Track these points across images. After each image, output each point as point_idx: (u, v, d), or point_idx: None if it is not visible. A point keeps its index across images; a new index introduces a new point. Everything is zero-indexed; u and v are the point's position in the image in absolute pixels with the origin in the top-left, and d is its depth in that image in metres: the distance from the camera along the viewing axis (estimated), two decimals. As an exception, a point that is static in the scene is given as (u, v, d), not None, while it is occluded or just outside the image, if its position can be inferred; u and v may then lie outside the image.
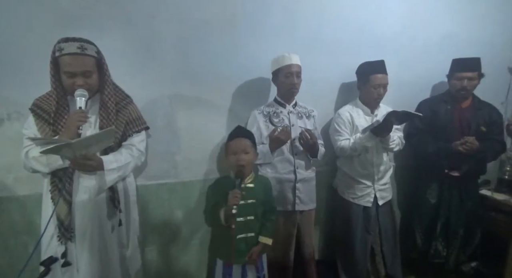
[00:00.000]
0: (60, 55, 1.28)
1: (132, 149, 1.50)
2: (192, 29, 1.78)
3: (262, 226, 1.65)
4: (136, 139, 1.52)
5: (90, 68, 1.32)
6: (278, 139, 1.74)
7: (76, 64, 1.29)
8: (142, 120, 1.56)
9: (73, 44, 1.28)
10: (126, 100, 1.52)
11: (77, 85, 1.30)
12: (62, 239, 1.36)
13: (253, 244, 1.61)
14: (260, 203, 1.63)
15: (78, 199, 1.37)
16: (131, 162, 1.48)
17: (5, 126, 1.58)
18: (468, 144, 1.96)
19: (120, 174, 1.42)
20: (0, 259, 1.67)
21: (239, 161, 1.53)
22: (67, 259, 1.38)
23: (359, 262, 2.06)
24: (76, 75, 1.30)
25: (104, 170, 1.34)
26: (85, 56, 1.30)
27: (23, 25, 1.51)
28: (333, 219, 2.26)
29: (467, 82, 2.03)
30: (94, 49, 1.34)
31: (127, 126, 1.48)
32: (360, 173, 2.01)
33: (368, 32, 2.13)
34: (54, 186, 1.35)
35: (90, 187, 1.39)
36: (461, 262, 2.19)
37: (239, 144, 1.56)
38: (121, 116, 1.46)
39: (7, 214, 1.64)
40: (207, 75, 1.86)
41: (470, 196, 2.14)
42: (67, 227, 1.35)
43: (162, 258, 1.95)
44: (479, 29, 2.39)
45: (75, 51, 1.27)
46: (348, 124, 1.99)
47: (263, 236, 1.64)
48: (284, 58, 1.78)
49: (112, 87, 1.44)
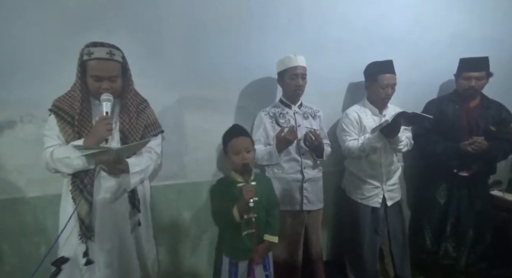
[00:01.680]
0: (88, 59, 1.31)
1: (151, 152, 1.54)
2: (199, 30, 1.79)
3: (267, 223, 1.64)
4: (154, 143, 1.57)
5: (116, 73, 1.36)
6: (285, 139, 1.74)
7: (103, 69, 1.32)
8: (158, 124, 1.60)
9: (102, 49, 1.31)
10: (143, 104, 1.55)
11: (103, 89, 1.33)
12: (83, 238, 1.38)
13: (258, 241, 1.60)
14: (264, 201, 1.62)
15: (98, 199, 1.40)
16: (151, 164, 1.53)
17: (18, 129, 1.61)
18: (476, 144, 1.94)
19: (142, 176, 1.47)
20: (12, 260, 1.70)
21: (244, 160, 1.53)
22: (89, 258, 1.40)
23: (367, 263, 2.05)
24: (103, 80, 1.33)
25: (128, 173, 1.38)
26: (112, 62, 1.34)
27: (34, 28, 1.54)
28: (341, 219, 2.25)
29: (474, 82, 2.01)
30: (120, 54, 1.38)
31: (145, 130, 1.51)
32: (368, 173, 2.00)
33: (376, 31, 2.12)
34: (75, 186, 1.37)
35: (110, 188, 1.42)
36: (472, 263, 2.16)
37: (241, 143, 1.55)
38: (141, 120, 1.50)
39: (19, 215, 1.67)
40: (214, 76, 1.87)
41: (480, 196, 2.12)
42: (88, 226, 1.37)
43: (171, 258, 1.97)
44: (489, 27, 2.36)
45: (104, 56, 1.31)
46: (356, 124, 1.98)
47: (268, 234, 1.63)
48: (290, 59, 1.78)
49: (133, 92, 1.49)
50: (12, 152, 1.61)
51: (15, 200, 1.66)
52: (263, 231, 1.63)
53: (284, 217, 1.88)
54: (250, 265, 1.61)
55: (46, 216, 1.69)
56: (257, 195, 1.56)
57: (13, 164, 1.63)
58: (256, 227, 1.56)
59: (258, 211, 1.58)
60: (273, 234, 1.64)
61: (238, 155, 1.55)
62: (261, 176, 1.74)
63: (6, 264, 1.69)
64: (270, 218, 1.65)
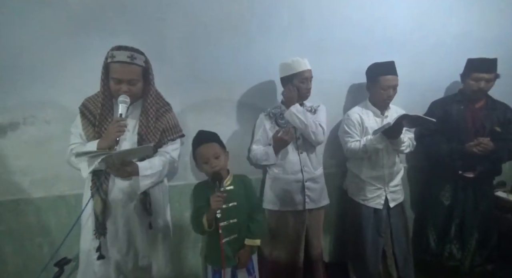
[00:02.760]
0: (111, 61, 1.36)
1: (166, 156, 1.54)
2: (200, 31, 1.80)
3: (247, 228, 1.61)
4: (171, 147, 1.58)
5: (136, 76, 1.39)
6: (281, 139, 1.76)
7: (123, 72, 1.36)
8: (178, 128, 1.62)
9: (124, 53, 1.35)
10: (165, 107, 1.57)
11: (122, 92, 1.37)
12: (96, 233, 1.44)
13: (238, 246, 1.59)
14: (244, 204, 1.60)
15: (111, 198, 1.44)
16: (164, 169, 1.53)
17: (21, 130, 1.62)
18: (482, 145, 1.92)
19: (154, 180, 1.47)
20: (15, 260, 1.72)
21: (212, 168, 1.49)
22: (101, 253, 1.45)
23: (370, 264, 2.04)
24: (122, 82, 1.37)
25: (138, 176, 1.40)
26: (133, 65, 1.37)
27: (36, 30, 1.56)
28: (344, 221, 2.24)
29: (484, 83, 1.98)
30: (142, 59, 1.41)
31: (163, 133, 1.53)
32: (370, 174, 1.98)
33: (378, 32, 2.10)
34: (94, 183, 1.43)
35: (123, 189, 1.45)
36: (477, 265, 2.14)
37: (207, 151, 1.50)
38: (159, 124, 1.51)
39: (22, 215, 1.69)
40: (216, 77, 1.87)
41: (485, 197, 2.09)
42: (102, 223, 1.43)
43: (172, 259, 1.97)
44: (493, 27, 2.32)
45: (125, 59, 1.35)
46: (357, 125, 1.97)
47: (249, 239, 1.60)
48: (299, 63, 1.77)
49: (154, 96, 1.50)
50: (16, 153, 1.63)
51: (19, 201, 1.68)
52: (244, 236, 1.60)
53: (285, 217, 1.89)
54: (234, 271, 1.60)
55: (49, 217, 1.71)
56: (236, 199, 1.55)
57: (16, 165, 1.65)
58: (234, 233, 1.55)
59: (239, 215, 1.56)
60: (254, 237, 1.61)
61: (207, 164, 1.50)
62: (241, 178, 1.66)
63: (9, 264, 1.72)
64: (250, 222, 1.62)
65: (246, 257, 1.60)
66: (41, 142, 1.54)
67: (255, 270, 1.69)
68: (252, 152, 1.92)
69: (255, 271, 1.69)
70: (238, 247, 1.59)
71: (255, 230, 1.62)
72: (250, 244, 1.60)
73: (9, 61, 1.55)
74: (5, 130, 1.61)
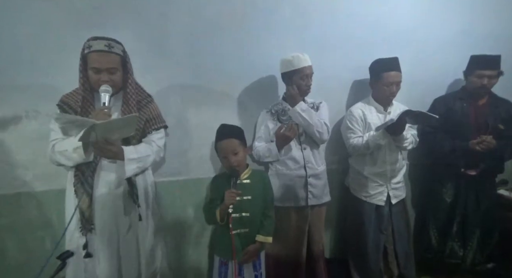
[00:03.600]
0: (88, 52, 1.34)
1: (152, 144, 1.55)
2: (202, 26, 1.79)
3: (260, 224, 1.62)
4: (156, 136, 1.58)
5: (115, 65, 1.38)
6: (284, 136, 1.76)
7: (102, 61, 1.35)
8: (162, 119, 1.62)
9: (101, 42, 1.35)
10: (147, 99, 1.57)
11: (102, 81, 1.36)
12: (83, 230, 1.42)
13: (248, 240, 1.59)
14: (259, 199, 1.61)
15: (98, 192, 1.42)
16: (151, 155, 1.53)
17: (23, 124, 1.62)
18: (485, 142, 1.92)
19: (140, 165, 1.46)
20: (18, 253, 1.72)
21: (230, 163, 1.52)
22: (88, 251, 1.43)
23: (371, 261, 2.04)
24: (102, 71, 1.36)
25: (124, 160, 1.39)
26: (111, 54, 1.36)
27: (39, 25, 1.55)
28: (345, 217, 2.24)
29: (487, 80, 1.97)
30: (120, 48, 1.41)
31: (147, 123, 1.54)
32: (373, 171, 1.98)
33: (381, 28, 2.10)
34: (77, 179, 1.41)
35: (110, 181, 1.44)
36: (478, 262, 2.14)
37: (227, 146, 1.54)
38: (142, 114, 1.51)
39: (25, 209, 1.69)
40: (218, 73, 1.87)
41: (487, 195, 2.09)
42: (88, 218, 1.41)
43: (174, 254, 1.97)
44: (497, 24, 2.31)
45: (102, 48, 1.34)
46: (360, 121, 1.97)
47: (261, 235, 1.61)
48: (300, 60, 1.75)
49: (134, 86, 1.50)
50: (18, 147, 1.63)
51: (21, 195, 1.68)
52: (255, 230, 1.61)
53: (288, 214, 1.89)
54: (240, 265, 1.59)
55: (51, 210, 1.71)
56: (251, 193, 1.56)
57: (19, 159, 1.64)
58: (244, 226, 1.55)
59: (252, 209, 1.57)
60: (266, 234, 1.62)
61: (225, 158, 1.55)
62: (259, 173, 1.70)
63: (11, 258, 1.71)
64: (264, 218, 1.63)
65: (254, 252, 1.60)
66: (43, 136, 1.53)
67: (261, 266, 1.69)
68: (254, 149, 1.91)
69: (261, 267, 1.69)
70: (247, 241, 1.59)
71: (268, 226, 1.63)
72: (261, 241, 1.61)
73: (12, 55, 1.55)
74: (7, 124, 1.61)
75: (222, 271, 1.62)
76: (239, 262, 1.57)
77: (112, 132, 1.31)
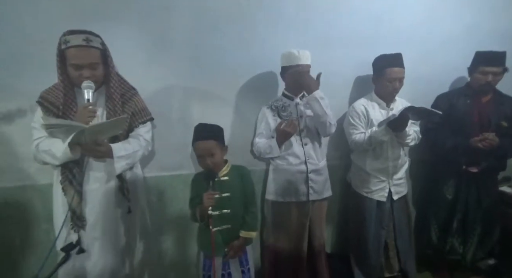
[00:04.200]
0: (66, 47, 1.29)
1: (140, 139, 1.53)
2: (205, 21, 1.79)
3: (243, 220, 1.63)
4: (143, 129, 1.56)
5: (96, 60, 1.34)
6: (284, 132, 1.75)
7: (82, 56, 1.30)
8: (147, 112, 1.59)
9: (78, 36, 1.29)
10: (131, 92, 1.54)
11: (84, 77, 1.31)
12: (75, 227, 1.41)
13: (230, 236, 1.60)
14: (238, 195, 1.61)
15: (88, 188, 1.41)
16: (139, 150, 1.51)
17: (28, 117, 1.62)
18: (487, 140, 1.90)
19: (129, 161, 1.45)
20: (23, 245, 1.74)
21: (206, 164, 1.52)
22: (81, 246, 1.43)
23: (372, 256, 2.05)
24: (83, 67, 1.32)
25: (113, 158, 1.37)
26: (90, 48, 1.32)
27: (43, 18, 1.55)
28: (347, 213, 2.24)
29: (492, 77, 1.95)
30: (99, 41, 1.36)
31: (133, 117, 1.51)
32: (375, 167, 1.99)
33: (384, 24, 2.08)
34: (65, 176, 1.39)
35: (99, 177, 1.43)
36: (478, 259, 2.15)
37: (202, 148, 1.52)
38: (127, 108, 1.49)
39: (30, 202, 1.71)
40: (220, 68, 1.87)
41: (489, 192, 2.09)
42: (79, 215, 1.40)
43: (177, 248, 1.99)
44: (503, 20, 2.29)
45: (80, 43, 1.29)
46: (362, 117, 1.97)
47: (244, 231, 1.62)
48: (293, 57, 1.73)
49: (117, 79, 1.46)
50: (23, 140, 1.63)
51: (26, 187, 1.69)
52: (238, 225, 1.62)
53: (289, 209, 1.90)
54: (226, 261, 1.61)
55: (55, 203, 1.73)
56: (230, 190, 1.57)
57: (23, 152, 1.65)
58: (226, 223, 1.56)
59: (232, 206, 1.58)
60: (249, 230, 1.63)
61: (201, 159, 1.53)
62: (238, 169, 1.68)
63: (17, 250, 1.74)
64: (246, 214, 1.64)
65: (238, 248, 1.61)
66: (48, 129, 1.55)
67: (248, 262, 1.69)
68: (255, 145, 1.92)
69: (249, 263, 1.69)
70: (230, 237, 1.60)
71: (250, 222, 1.64)
72: (245, 236, 1.62)
73: (18, 48, 1.55)
74: (12, 117, 1.62)
75: (206, 265, 1.64)
76: (223, 258, 1.59)
77: (101, 133, 1.30)
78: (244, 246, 1.66)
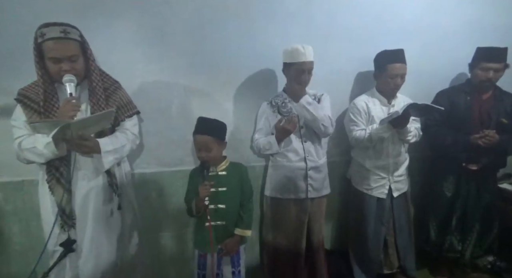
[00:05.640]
0: (43, 40, 1.25)
1: (127, 133, 1.51)
2: (205, 15, 1.77)
3: (238, 217, 1.63)
4: (129, 123, 1.53)
5: (75, 52, 1.30)
6: (284, 129, 1.73)
7: (60, 49, 1.26)
8: (133, 105, 1.57)
9: (54, 28, 1.25)
10: (114, 85, 1.51)
11: (64, 71, 1.27)
12: (65, 226, 1.39)
13: (224, 233, 1.60)
14: (235, 191, 1.62)
15: (77, 186, 1.39)
16: (127, 144, 1.49)
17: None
18: (488, 137, 1.90)
19: (117, 156, 1.43)
20: (22, 240, 1.75)
21: (202, 158, 1.54)
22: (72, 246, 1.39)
23: (371, 253, 2.05)
24: (62, 61, 1.27)
25: (100, 153, 1.34)
26: (69, 40, 1.27)
27: (41, 13, 1.52)
28: (347, 209, 2.25)
29: (493, 73, 1.94)
30: (77, 33, 1.31)
31: (118, 111, 1.48)
32: (375, 164, 1.98)
33: (386, 19, 2.06)
34: (51, 175, 1.36)
35: (87, 174, 1.41)
36: (477, 256, 2.15)
37: (199, 141, 1.56)
38: (112, 102, 1.45)
39: (29, 196, 1.71)
40: (221, 63, 1.85)
41: (488, 189, 2.09)
42: (69, 214, 1.38)
43: (176, 243, 1.99)
44: (505, 15, 2.27)
45: (58, 35, 1.24)
46: (363, 114, 1.96)
47: (239, 228, 1.62)
48: (298, 53, 1.69)
49: (98, 72, 1.42)
50: (22, 135, 1.63)
51: (24, 182, 1.69)
52: (232, 223, 1.62)
53: (288, 205, 1.89)
54: (219, 261, 1.60)
55: (54, 198, 1.72)
56: (227, 185, 1.58)
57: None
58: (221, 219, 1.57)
59: (228, 201, 1.58)
60: (244, 227, 1.63)
61: (199, 151, 1.56)
62: (236, 166, 1.70)
63: (16, 244, 1.74)
64: (242, 211, 1.64)
65: (232, 246, 1.61)
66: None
67: (240, 263, 1.68)
68: (255, 142, 1.91)
69: (240, 264, 1.68)
70: (223, 234, 1.60)
71: (246, 219, 1.64)
72: (239, 234, 1.62)
73: (14, 43, 1.53)
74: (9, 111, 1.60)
75: (200, 264, 1.64)
76: (218, 257, 1.59)
77: (87, 128, 1.28)
78: (238, 244, 1.65)
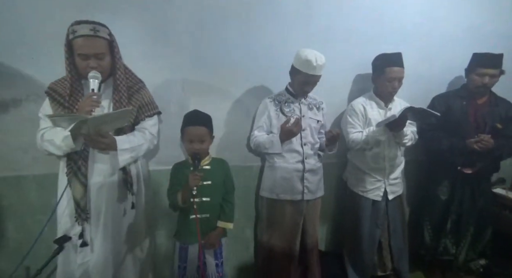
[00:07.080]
0: (73, 37, 1.30)
1: (145, 132, 1.53)
2: (207, 14, 1.77)
3: (221, 210, 1.66)
4: (149, 123, 1.55)
5: (103, 50, 1.34)
6: (290, 131, 1.73)
7: (89, 46, 1.31)
8: (154, 105, 1.59)
9: (85, 26, 1.30)
10: (138, 84, 1.54)
11: (90, 67, 1.32)
12: (78, 219, 1.40)
13: (208, 226, 1.61)
14: (219, 185, 1.64)
15: (92, 181, 1.41)
16: (144, 144, 1.51)
17: (23, 107, 1.62)
18: (483, 142, 1.92)
19: (133, 155, 1.45)
20: (17, 236, 1.73)
21: (194, 150, 1.54)
22: (84, 239, 1.42)
23: (366, 255, 2.06)
24: (90, 57, 1.32)
25: (117, 150, 1.37)
26: (97, 38, 1.32)
27: (43, 8, 1.54)
28: (342, 211, 2.25)
29: (488, 79, 1.96)
30: (106, 31, 1.36)
31: (139, 110, 1.51)
32: (371, 166, 1.99)
33: (385, 22, 2.08)
34: (70, 168, 1.39)
35: (104, 169, 1.42)
36: (470, 259, 2.17)
37: (196, 133, 1.54)
38: (134, 101, 1.48)
39: (24, 192, 1.70)
40: (220, 62, 1.86)
41: (483, 193, 2.11)
42: (83, 208, 1.39)
43: (172, 242, 1.98)
44: (503, 21, 2.30)
45: (88, 33, 1.29)
46: (361, 116, 1.97)
47: (222, 221, 1.64)
48: (309, 66, 1.66)
49: (123, 71, 1.46)
50: (18, 130, 1.62)
51: (20, 178, 1.68)
52: (215, 216, 1.64)
53: (283, 206, 1.89)
54: (202, 253, 1.61)
55: (50, 194, 1.69)
56: (211, 179, 1.60)
57: (18, 142, 1.64)
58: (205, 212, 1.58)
59: (212, 194, 1.61)
60: (227, 220, 1.66)
61: (190, 143, 1.55)
62: (219, 161, 1.72)
63: (11, 240, 1.73)
64: (224, 204, 1.67)
65: (215, 237, 1.63)
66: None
67: (222, 256, 1.70)
68: (254, 138, 1.88)
69: (222, 256, 1.70)
70: (207, 227, 1.61)
71: (229, 212, 1.67)
72: (222, 226, 1.64)
73: (14, 37, 1.53)
74: (7, 106, 1.60)
75: (182, 256, 1.64)
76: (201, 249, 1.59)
77: (105, 125, 1.30)
78: (220, 236, 1.68)
